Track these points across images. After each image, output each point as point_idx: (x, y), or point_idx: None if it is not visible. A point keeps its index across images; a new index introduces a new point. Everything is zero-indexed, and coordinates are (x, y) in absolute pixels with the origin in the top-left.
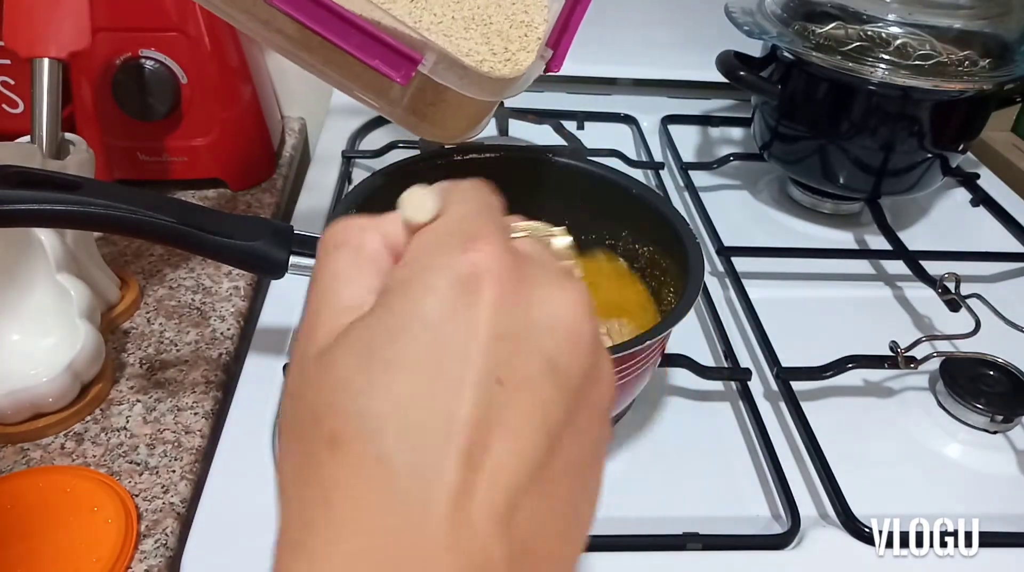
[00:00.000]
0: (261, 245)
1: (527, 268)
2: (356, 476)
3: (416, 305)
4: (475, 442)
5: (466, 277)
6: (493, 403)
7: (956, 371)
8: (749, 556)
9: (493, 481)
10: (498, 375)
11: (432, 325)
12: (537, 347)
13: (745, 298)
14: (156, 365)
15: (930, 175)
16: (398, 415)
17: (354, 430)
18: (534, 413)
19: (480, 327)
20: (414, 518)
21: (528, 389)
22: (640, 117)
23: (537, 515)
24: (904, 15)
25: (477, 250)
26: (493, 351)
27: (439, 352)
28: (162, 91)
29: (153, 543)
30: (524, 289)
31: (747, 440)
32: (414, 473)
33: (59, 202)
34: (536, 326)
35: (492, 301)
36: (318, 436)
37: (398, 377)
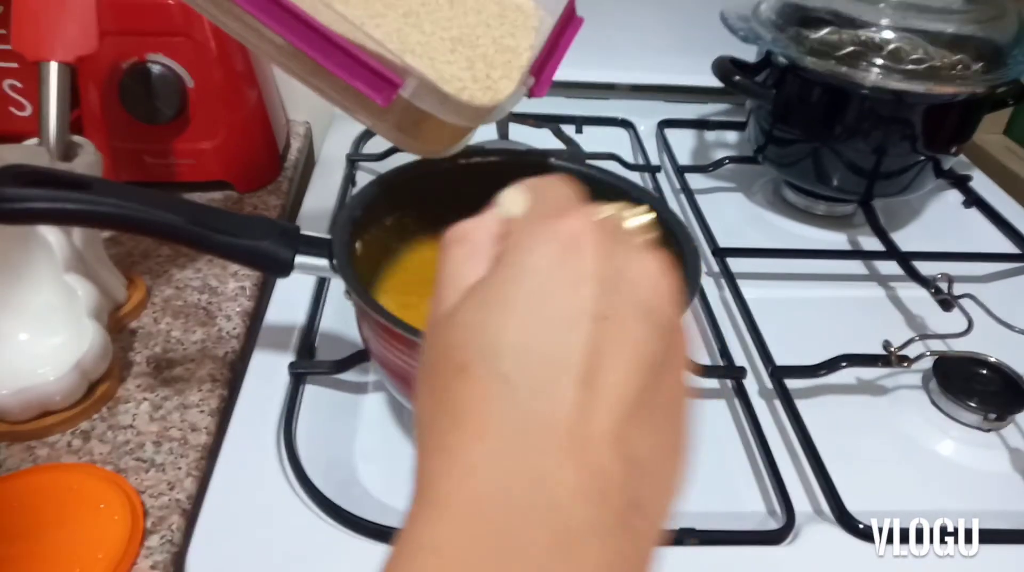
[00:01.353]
0: (268, 245)
1: (614, 234)
2: (483, 393)
3: (526, 258)
4: (589, 367)
5: (566, 235)
6: (602, 335)
7: (949, 370)
8: (745, 551)
9: (606, 402)
10: (604, 313)
11: (543, 272)
12: (633, 293)
13: (740, 298)
14: (163, 364)
15: (923, 177)
16: (517, 343)
17: (478, 357)
18: (636, 348)
19: (585, 272)
20: (538, 430)
21: (631, 327)
22: (637, 121)
23: (645, 437)
24: (897, 20)
25: (571, 219)
26: (598, 292)
27: (551, 293)
28: (169, 95)
29: (159, 539)
30: (616, 247)
31: (742, 437)
32: (535, 391)
33: (70, 201)
34: (630, 276)
35: (592, 252)
36: (447, 370)
37: (515, 314)
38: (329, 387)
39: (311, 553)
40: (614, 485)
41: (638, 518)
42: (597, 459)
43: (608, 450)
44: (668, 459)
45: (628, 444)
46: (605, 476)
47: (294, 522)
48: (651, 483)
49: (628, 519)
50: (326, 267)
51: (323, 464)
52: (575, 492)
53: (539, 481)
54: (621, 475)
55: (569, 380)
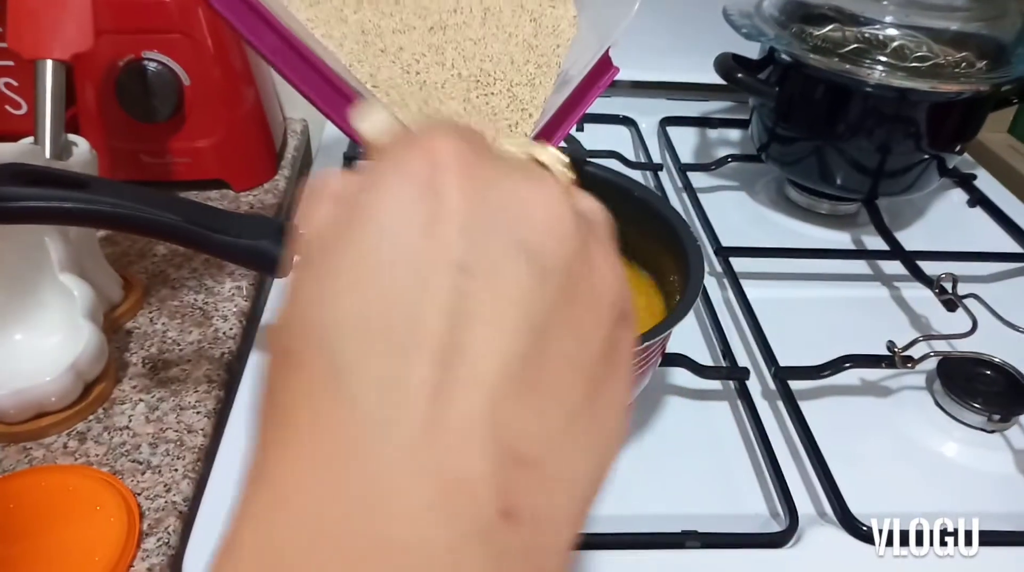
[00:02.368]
0: (265, 243)
1: (492, 161)
2: (309, 392)
3: (368, 208)
4: (444, 339)
5: (421, 169)
6: (461, 294)
7: (953, 371)
8: (747, 554)
9: (471, 378)
10: (463, 264)
11: (385, 224)
12: (509, 233)
13: (743, 298)
14: (159, 364)
15: (927, 176)
16: (353, 320)
17: (305, 344)
18: (510, 302)
19: (443, 212)
20: (376, 430)
21: (500, 277)
22: (639, 119)
23: (530, 419)
24: (901, 17)
25: (434, 142)
26: (455, 241)
27: (394, 249)
28: (165, 93)
29: (155, 542)
30: (488, 179)
31: (745, 439)
32: (375, 380)
33: (67, 199)
34: (506, 212)
35: (452, 187)
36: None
37: (351, 282)
38: None
39: None
40: (477, 491)
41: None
42: (454, 459)
43: (471, 441)
44: (572, 442)
45: (502, 434)
46: (463, 481)
47: None
48: (541, 479)
49: (498, 535)
50: None
51: None
52: (419, 510)
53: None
54: (488, 477)
55: (419, 357)
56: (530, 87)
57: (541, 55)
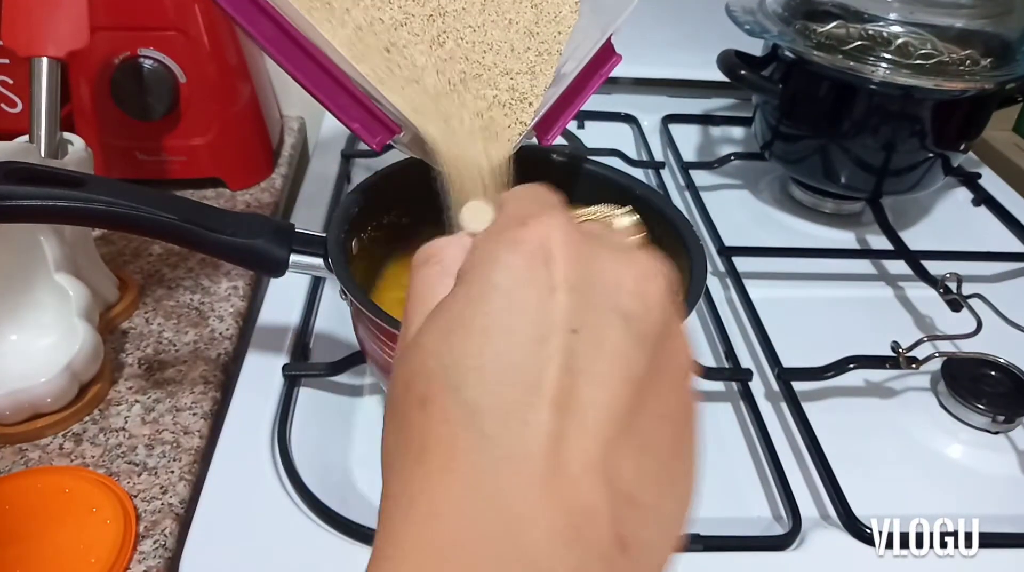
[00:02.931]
0: (262, 243)
1: (591, 234)
2: (445, 429)
3: (489, 275)
4: (560, 387)
5: (532, 242)
6: (572, 352)
7: (957, 371)
8: (750, 557)
9: (584, 426)
10: (573, 326)
11: (506, 288)
12: (608, 300)
13: (746, 298)
14: (155, 365)
15: (931, 175)
16: (481, 368)
17: (439, 388)
18: (614, 361)
19: (553, 280)
20: (508, 464)
21: (605, 338)
22: (641, 116)
23: (635, 463)
24: (905, 14)
25: (539, 222)
26: (566, 304)
27: (516, 310)
28: (161, 90)
29: (152, 544)
30: (590, 250)
31: (748, 441)
32: (504, 420)
33: (62, 198)
34: (605, 283)
35: (562, 257)
36: (409, 402)
37: (478, 337)
38: (324, 390)
39: (305, 558)
40: (597, 522)
41: (627, 558)
42: (576, 493)
43: (590, 480)
44: (665, 486)
45: (613, 473)
46: (586, 512)
47: (288, 527)
48: (644, 516)
49: (614, 561)
50: (321, 266)
51: (318, 468)
52: (551, 534)
53: (510, 525)
54: (605, 510)
55: (540, 404)
56: (530, 75)
57: (542, 42)
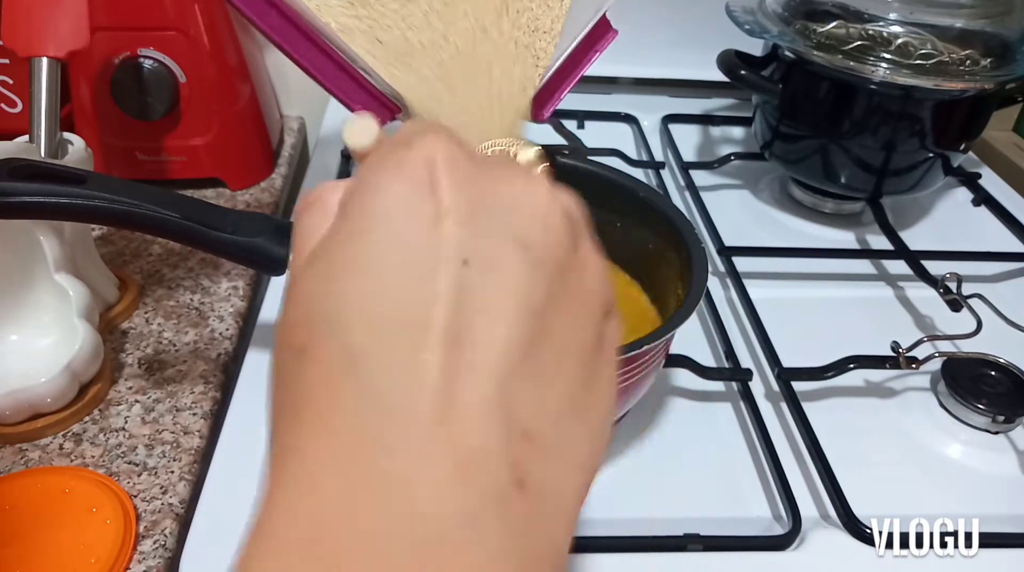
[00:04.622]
0: (262, 241)
1: (483, 160)
2: (324, 378)
3: (370, 204)
4: (452, 325)
5: (415, 168)
6: (464, 285)
7: (958, 371)
8: (750, 557)
9: (479, 363)
10: (464, 257)
11: (387, 218)
12: (503, 227)
13: (746, 298)
14: (155, 365)
15: (932, 175)
16: (365, 310)
17: (319, 333)
18: (510, 291)
19: (440, 207)
20: (393, 412)
21: (500, 268)
22: (641, 116)
23: (534, 399)
24: (905, 14)
25: (423, 144)
26: (455, 234)
27: (398, 243)
28: (161, 90)
29: (152, 544)
30: (482, 175)
31: (748, 441)
32: (389, 364)
33: (64, 195)
34: (499, 207)
35: (448, 185)
36: (288, 353)
37: (360, 275)
38: None
39: None
40: (489, 462)
41: (525, 497)
42: (467, 435)
43: (483, 420)
44: (570, 422)
45: (509, 410)
46: (477, 453)
47: None
48: (545, 453)
49: (511, 501)
50: None
51: None
52: (438, 482)
53: (393, 479)
54: (499, 449)
55: (428, 344)
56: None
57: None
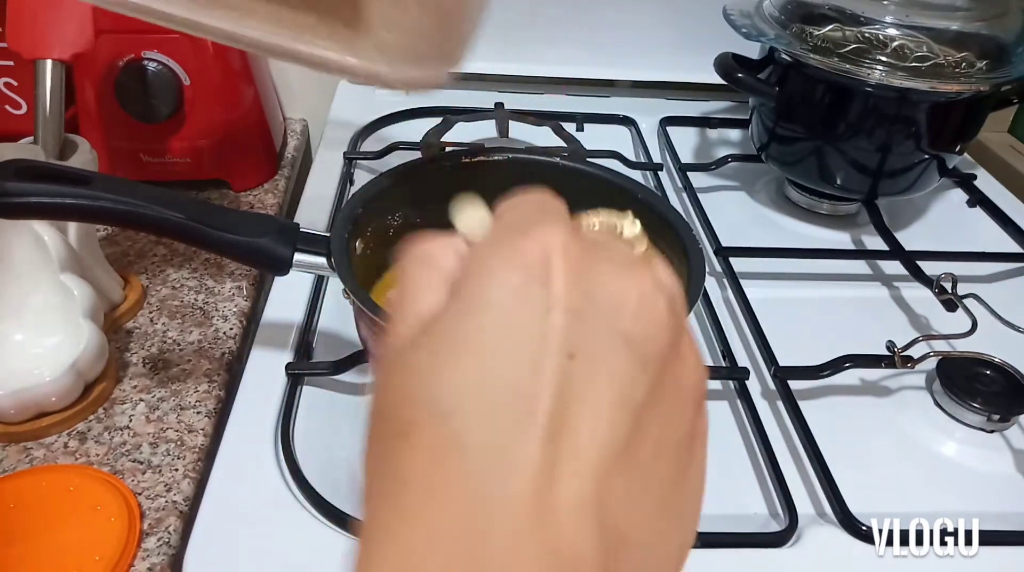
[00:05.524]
0: (267, 242)
1: (594, 248)
2: (429, 460)
3: (482, 289)
4: (553, 417)
5: (531, 256)
6: (568, 377)
7: (953, 371)
8: (747, 554)
9: (577, 458)
10: (570, 350)
11: (499, 305)
12: (609, 321)
13: (743, 298)
14: (159, 364)
15: (927, 176)
16: (469, 395)
17: (425, 415)
18: (612, 387)
19: (551, 300)
20: (494, 501)
21: (604, 363)
22: (639, 119)
23: (630, 498)
24: (901, 17)
25: (539, 233)
26: (563, 326)
27: (508, 330)
28: (165, 92)
29: (156, 541)
30: (592, 266)
31: (745, 439)
32: (491, 452)
33: (70, 195)
34: (607, 302)
35: (560, 277)
36: (392, 429)
37: (468, 359)
38: (327, 388)
39: (309, 555)
40: (587, 566)
41: None
42: (563, 536)
43: (580, 521)
44: (664, 522)
45: (607, 510)
46: (573, 559)
47: (292, 524)
48: (639, 557)
49: None
50: (324, 265)
51: (321, 466)
52: None
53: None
54: (594, 555)
55: (532, 434)
56: None
57: None
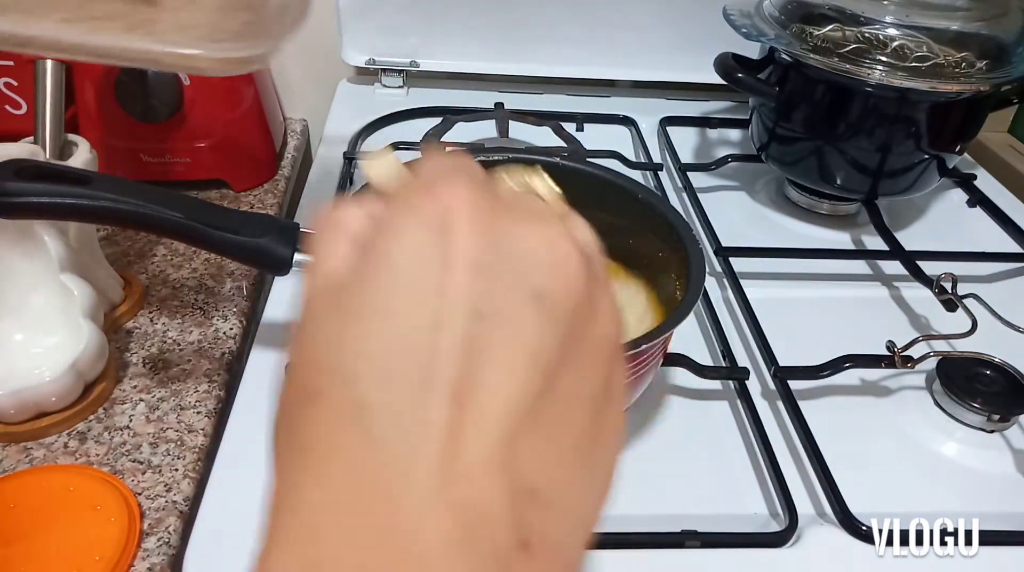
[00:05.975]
0: (267, 242)
1: (501, 204)
2: (332, 427)
3: (384, 251)
4: (459, 379)
5: (434, 215)
6: (475, 337)
7: (953, 371)
8: (747, 554)
9: (484, 418)
10: (477, 308)
11: (401, 267)
12: (517, 278)
13: (743, 298)
14: (159, 364)
15: (927, 176)
16: (373, 359)
17: (328, 381)
18: (521, 345)
19: (452, 261)
20: (398, 465)
21: (512, 321)
22: (639, 119)
23: (540, 454)
24: (901, 17)
25: (444, 190)
26: (468, 284)
27: (411, 292)
28: (165, 92)
29: (156, 541)
30: (499, 222)
31: (745, 439)
32: (395, 417)
33: (71, 195)
34: (515, 257)
35: (464, 233)
36: (296, 396)
37: (371, 322)
38: None
39: None
40: (493, 522)
41: (529, 558)
42: (470, 494)
43: (488, 477)
44: (577, 477)
45: (516, 468)
46: (480, 513)
47: None
48: (550, 511)
49: (513, 562)
50: None
51: None
52: (440, 542)
53: (394, 536)
54: (503, 508)
55: (437, 397)
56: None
57: None
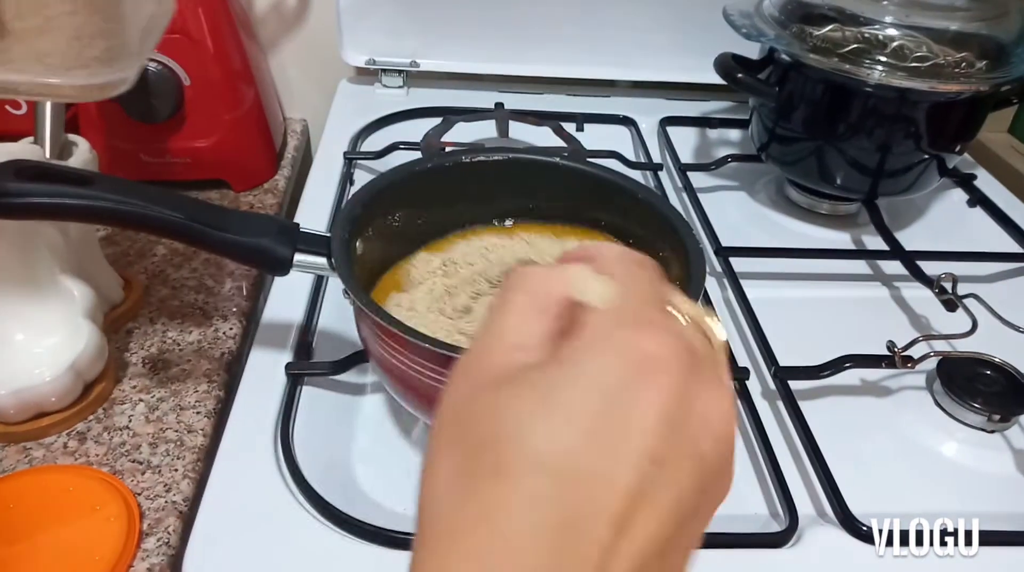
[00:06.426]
0: (267, 242)
1: (697, 365)
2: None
3: (596, 367)
4: (627, 509)
5: (644, 359)
6: (647, 479)
7: (953, 371)
8: (747, 554)
9: (631, 550)
10: (656, 454)
11: (609, 390)
12: (692, 439)
13: (743, 298)
14: (159, 365)
15: (927, 176)
16: (565, 460)
17: (520, 462)
18: (675, 494)
19: (650, 407)
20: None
21: (677, 475)
22: (639, 119)
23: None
24: (901, 17)
25: (655, 338)
26: (657, 432)
27: (612, 415)
28: (165, 93)
29: (155, 541)
30: (691, 383)
31: (745, 439)
32: (568, 520)
33: (71, 196)
34: (694, 417)
35: (664, 388)
36: (485, 461)
37: (571, 425)
38: (327, 388)
39: (308, 556)
40: None
41: None
42: None
43: None
44: None
45: None
46: None
47: (291, 525)
48: None
49: None
50: (325, 266)
51: (320, 466)
52: None
53: None
54: None
55: (605, 519)
56: None
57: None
